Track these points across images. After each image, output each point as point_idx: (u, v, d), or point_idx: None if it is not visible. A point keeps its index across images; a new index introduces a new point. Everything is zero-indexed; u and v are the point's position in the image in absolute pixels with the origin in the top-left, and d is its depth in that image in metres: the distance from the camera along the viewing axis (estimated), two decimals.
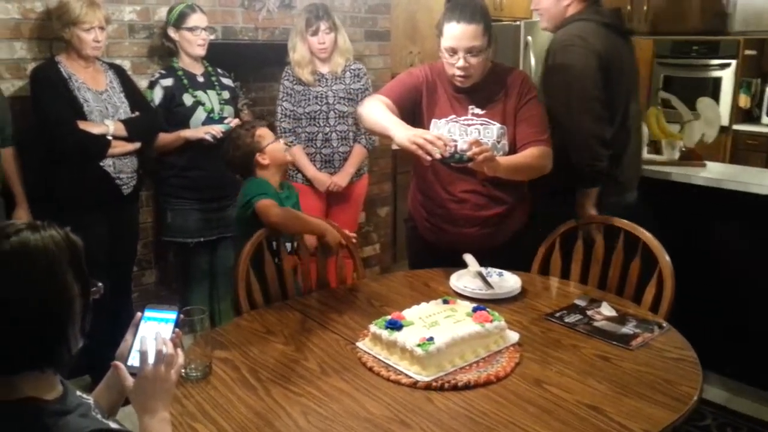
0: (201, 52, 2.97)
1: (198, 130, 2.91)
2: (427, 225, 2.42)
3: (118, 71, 2.86)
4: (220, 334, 1.88)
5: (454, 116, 2.27)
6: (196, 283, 3.17)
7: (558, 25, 2.51)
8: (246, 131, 2.42)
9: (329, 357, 1.74)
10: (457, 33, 2.12)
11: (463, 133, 2.25)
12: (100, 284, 1.17)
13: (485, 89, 2.26)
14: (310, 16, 3.15)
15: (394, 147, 4.13)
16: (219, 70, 3.11)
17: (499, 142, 2.24)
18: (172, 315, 1.32)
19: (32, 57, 2.80)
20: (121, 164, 2.77)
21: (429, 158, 1.95)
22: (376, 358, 1.71)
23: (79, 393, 1.18)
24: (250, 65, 3.29)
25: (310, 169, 3.23)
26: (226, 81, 3.12)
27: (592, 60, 2.34)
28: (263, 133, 2.41)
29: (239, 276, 2.10)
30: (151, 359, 1.21)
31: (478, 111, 2.26)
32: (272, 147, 2.40)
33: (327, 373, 1.66)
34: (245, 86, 3.44)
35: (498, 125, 2.24)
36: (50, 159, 2.69)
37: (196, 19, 2.92)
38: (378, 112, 2.18)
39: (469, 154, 1.95)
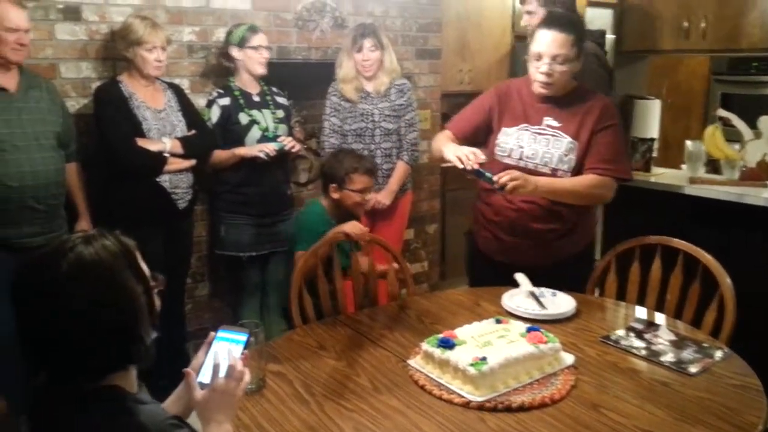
0: (262, 70, 3.04)
1: (252, 148, 2.98)
2: (484, 234, 2.44)
3: (177, 90, 2.95)
4: (272, 348, 1.90)
5: (526, 124, 2.31)
6: (247, 296, 3.22)
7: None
8: (353, 161, 2.64)
9: (381, 374, 1.74)
10: (546, 39, 2.18)
11: (532, 141, 2.28)
12: (160, 276, 1.22)
13: (565, 104, 2.29)
14: (356, 34, 3.20)
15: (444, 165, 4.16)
16: (274, 89, 3.18)
17: (566, 156, 2.25)
18: (243, 337, 1.37)
19: (97, 76, 2.92)
20: (177, 180, 2.84)
21: (461, 166, 2.14)
22: (428, 376, 1.70)
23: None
24: (303, 84, 3.35)
25: None
26: (281, 100, 3.18)
27: None
28: (359, 179, 2.63)
29: (293, 291, 2.12)
30: (222, 374, 1.26)
31: (553, 123, 2.29)
32: (351, 194, 2.62)
33: (379, 390, 1.66)
34: (297, 104, 3.51)
35: (569, 139, 2.25)
36: (111, 174, 2.78)
37: (259, 39, 3.00)
38: (439, 142, 2.40)
39: (495, 178, 2.11)
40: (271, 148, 2.95)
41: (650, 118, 3.60)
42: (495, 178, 2.12)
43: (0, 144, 2.40)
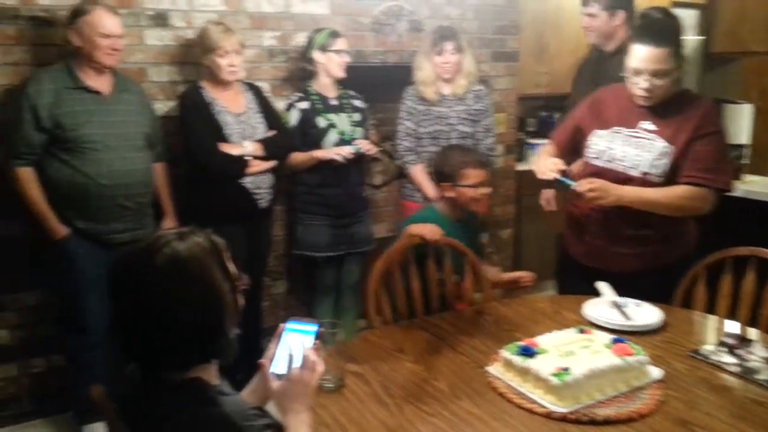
0: (342, 74, 3.08)
1: (329, 151, 3.02)
2: (572, 237, 2.41)
3: (256, 91, 3.02)
4: (350, 348, 1.92)
5: (619, 127, 2.28)
6: (322, 296, 3.26)
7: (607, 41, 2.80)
8: (462, 155, 2.53)
9: (459, 379, 1.73)
10: (642, 55, 2.14)
11: (624, 143, 2.25)
12: (245, 276, 1.26)
13: (664, 108, 2.23)
14: (436, 36, 3.19)
15: (518, 168, 4.10)
16: (351, 93, 3.21)
17: (659, 160, 2.19)
18: (313, 328, 1.37)
19: (182, 79, 3.02)
20: (258, 180, 2.91)
21: (541, 176, 2.24)
22: (507, 384, 1.67)
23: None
24: (379, 87, 3.37)
25: (431, 190, 3.24)
26: (358, 103, 3.21)
27: None
28: (472, 173, 2.47)
29: (370, 292, 2.14)
30: (296, 364, 1.28)
31: (649, 126, 2.24)
32: (465, 191, 2.47)
33: (458, 395, 1.65)
34: (373, 107, 3.52)
35: (664, 143, 2.19)
36: (195, 174, 2.88)
37: (340, 43, 3.04)
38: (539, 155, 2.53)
39: (574, 185, 2.11)
40: (347, 151, 2.98)
41: (741, 124, 3.43)
42: (575, 185, 2.09)
43: (94, 144, 2.53)
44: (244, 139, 2.85)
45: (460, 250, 2.37)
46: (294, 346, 1.30)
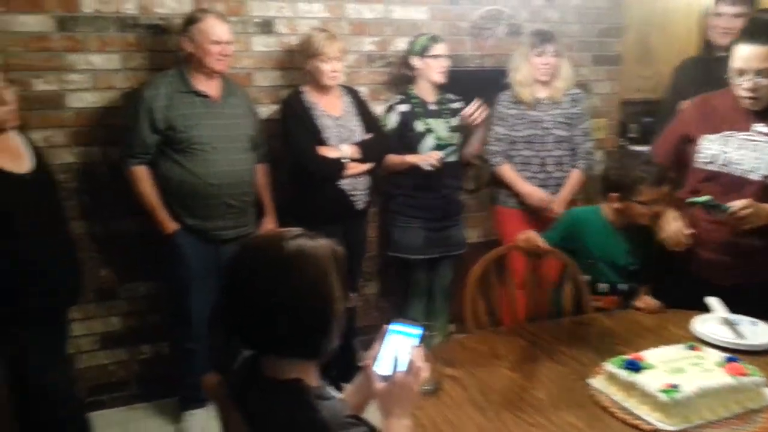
0: (441, 79, 3.09)
1: (420, 156, 3.02)
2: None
3: (354, 95, 3.07)
4: (446, 351, 1.92)
5: (731, 131, 2.19)
6: (414, 298, 3.28)
7: None
8: (640, 170, 2.28)
9: (559, 390, 1.70)
10: (745, 54, 2.07)
11: (739, 147, 2.15)
12: (353, 294, 1.28)
13: None
14: (536, 38, 3.14)
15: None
16: (450, 96, 3.21)
17: None
18: (417, 331, 1.38)
19: (285, 84, 3.12)
20: (355, 182, 2.96)
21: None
22: (611, 398, 1.63)
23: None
24: (476, 91, 3.34)
25: (524, 185, 3.19)
26: (457, 106, 3.20)
27: None
28: (648, 191, 2.24)
29: (467, 297, 2.13)
30: (401, 368, 1.28)
31: (763, 129, 2.14)
32: (636, 207, 2.26)
33: (558, 406, 1.62)
34: None
35: None
36: (294, 175, 2.97)
37: (440, 48, 3.05)
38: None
39: (733, 208, 2.02)
40: (434, 158, 2.97)
41: None
42: (733, 208, 2.03)
43: (203, 146, 2.66)
44: (341, 142, 2.91)
45: (560, 258, 2.32)
46: (399, 348, 1.31)
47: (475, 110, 3.00)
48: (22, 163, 2.20)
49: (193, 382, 2.89)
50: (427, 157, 2.99)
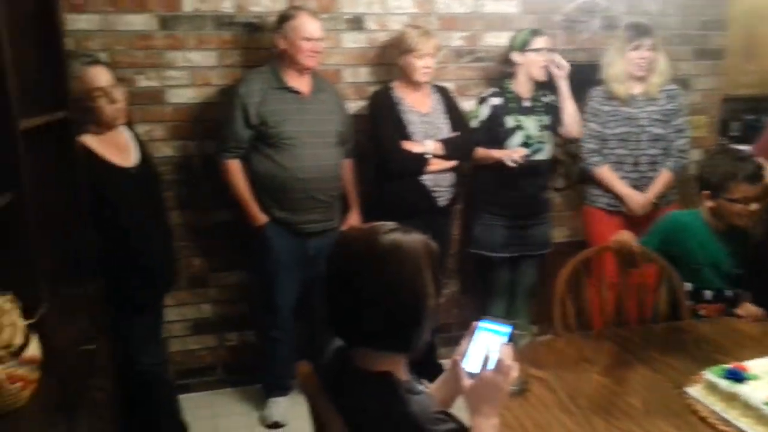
0: (542, 74, 3.03)
1: (504, 152, 2.97)
2: None
3: (444, 93, 3.06)
4: (533, 352, 1.88)
5: None
6: (496, 297, 3.24)
7: None
8: (730, 166, 2.21)
9: (653, 398, 1.63)
10: None
11: None
12: (444, 291, 1.28)
13: None
14: (632, 32, 3.03)
15: None
16: (546, 93, 3.12)
17: None
18: (507, 329, 1.35)
19: (373, 80, 3.15)
20: (438, 178, 2.95)
21: None
22: (710, 409, 1.54)
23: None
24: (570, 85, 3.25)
25: (624, 188, 3.07)
26: (549, 99, 3.11)
27: None
28: (738, 188, 2.17)
29: (556, 298, 2.08)
30: (490, 366, 1.26)
31: None
32: (727, 205, 2.19)
33: (652, 414, 1.55)
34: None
35: None
36: (379, 171, 2.99)
37: (541, 42, 3.01)
38: None
39: None
40: (518, 154, 2.92)
41: None
42: None
43: (292, 141, 2.72)
44: (426, 138, 2.91)
45: (654, 260, 2.22)
46: (488, 346, 1.29)
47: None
48: (129, 157, 2.33)
49: (278, 370, 2.97)
50: (511, 153, 2.94)
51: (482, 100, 3.10)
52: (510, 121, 3.04)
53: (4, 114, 1.45)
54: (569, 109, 3.08)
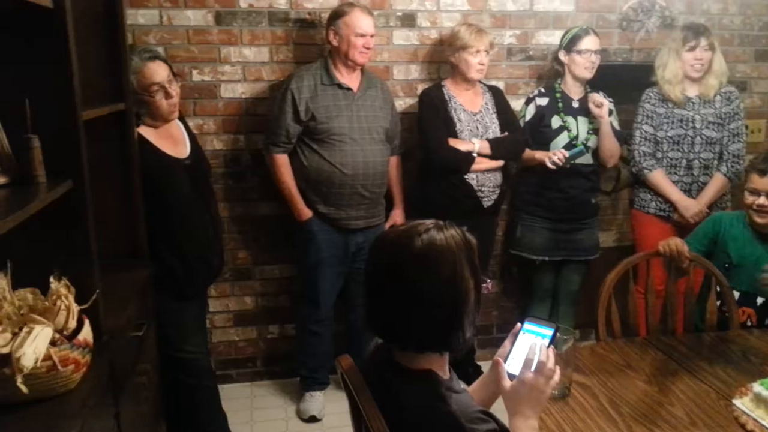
0: (587, 74, 2.97)
1: (545, 153, 2.92)
2: None
3: (495, 92, 3.04)
4: (576, 357, 1.85)
5: None
6: (537, 300, 3.20)
7: None
8: (758, 159, 2.25)
9: (698, 408, 1.59)
10: None
11: None
12: (489, 281, 1.27)
13: None
14: (688, 32, 2.94)
15: None
16: (602, 94, 3.03)
17: None
18: (549, 332, 1.34)
19: (422, 78, 3.15)
20: (483, 178, 2.93)
21: None
22: (758, 422, 1.50)
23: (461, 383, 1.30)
24: (622, 86, 3.19)
25: (679, 194, 2.99)
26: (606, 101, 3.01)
27: None
28: (754, 178, 2.20)
29: (601, 303, 2.05)
30: (532, 368, 1.25)
31: None
32: (745, 196, 2.22)
33: (697, 425, 1.52)
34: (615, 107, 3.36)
35: None
36: (425, 169, 2.99)
37: (587, 42, 2.93)
38: None
39: None
40: (560, 155, 2.86)
41: None
42: None
43: (341, 136, 2.74)
44: (474, 137, 2.90)
45: (706, 267, 2.16)
46: (531, 348, 1.28)
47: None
48: (183, 149, 2.40)
49: (316, 364, 3.01)
50: (551, 154, 2.89)
51: (528, 101, 3.07)
52: (556, 122, 2.99)
53: (68, 105, 1.50)
54: (608, 145, 3.00)
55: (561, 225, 3.05)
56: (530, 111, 3.04)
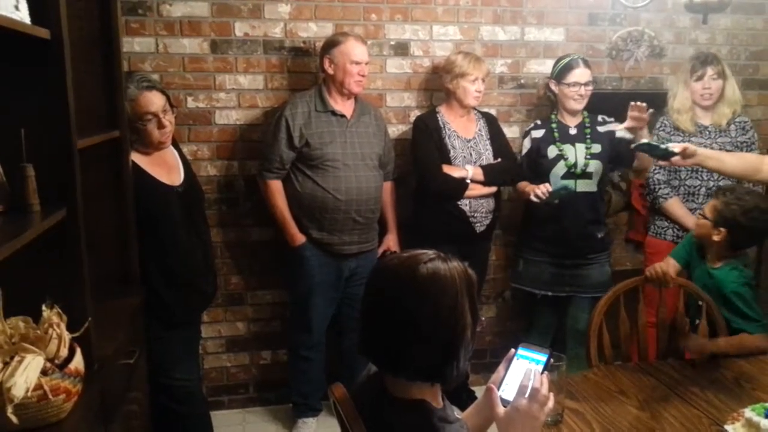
0: (577, 106, 2.94)
1: (531, 186, 2.84)
2: None
3: (489, 120, 3.07)
4: (569, 383, 1.85)
5: None
6: (536, 334, 3.12)
7: None
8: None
9: None
10: None
11: None
12: (483, 318, 1.26)
13: None
14: (696, 61, 2.97)
15: None
16: (602, 118, 3.01)
17: None
18: (543, 357, 1.34)
19: (415, 105, 3.19)
20: (476, 204, 2.94)
21: None
22: None
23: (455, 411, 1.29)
24: (612, 115, 3.22)
25: (690, 222, 2.91)
26: (605, 129, 2.98)
27: None
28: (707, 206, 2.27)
29: (592, 328, 2.06)
30: (526, 395, 1.25)
31: None
32: None
33: None
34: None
35: None
36: (418, 194, 3.01)
37: (577, 75, 2.89)
38: None
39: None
40: (543, 189, 2.75)
41: None
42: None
43: (334, 162, 2.76)
44: (468, 163, 2.92)
45: (693, 291, 2.18)
46: (525, 374, 1.28)
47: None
48: (176, 176, 2.41)
49: (308, 390, 2.99)
50: (535, 188, 2.78)
51: (525, 134, 3.06)
52: (552, 151, 2.94)
53: (63, 134, 1.51)
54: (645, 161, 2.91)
55: (563, 260, 2.96)
56: (526, 145, 3.03)
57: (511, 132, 3.26)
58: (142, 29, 2.86)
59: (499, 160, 2.98)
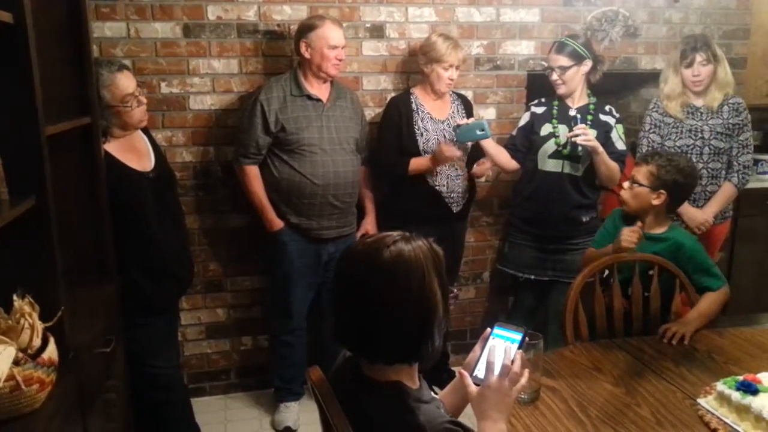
0: (559, 90, 2.93)
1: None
2: None
3: (464, 101, 3.07)
4: (545, 362, 1.88)
5: None
6: (518, 316, 3.13)
7: None
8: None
9: (664, 408, 1.62)
10: None
11: None
12: (455, 291, 1.28)
13: None
14: (686, 47, 2.98)
15: None
16: (609, 108, 2.99)
17: None
18: (518, 336, 1.35)
19: (392, 88, 3.18)
20: (453, 185, 2.96)
21: None
22: (721, 420, 1.54)
23: (431, 391, 1.30)
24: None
25: (685, 205, 2.91)
26: (605, 118, 2.95)
27: None
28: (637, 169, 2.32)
29: (568, 307, 2.08)
30: (497, 372, 1.27)
31: None
32: None
33: (662, 425, 1.55)
34: None
35: None
36: (391, 178, 3.00)
37: (550, 59, 2.91)
38: None
39: None
40: (486, 166, 2.90)
41: None
42: None
43: (311, 147, 2.75)
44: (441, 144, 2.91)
45: (669, 269, 2.21)
46: (497, 352, 1.29)
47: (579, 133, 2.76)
48: (147, 162, 2.38)
49: (289, 375, 3.00)
50: (486, 169, 2.91)
51: (527, 108, 3.07)
52: (545, 129, 2.94)
53: (30, 121, 1.49)
54: (604, 172, 2.86)
55: (546, 244, 2.98)
56: (525, 118, 3.03)
57: (488, 114, 3.26)
58: (112, 14, 2.80)
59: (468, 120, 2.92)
